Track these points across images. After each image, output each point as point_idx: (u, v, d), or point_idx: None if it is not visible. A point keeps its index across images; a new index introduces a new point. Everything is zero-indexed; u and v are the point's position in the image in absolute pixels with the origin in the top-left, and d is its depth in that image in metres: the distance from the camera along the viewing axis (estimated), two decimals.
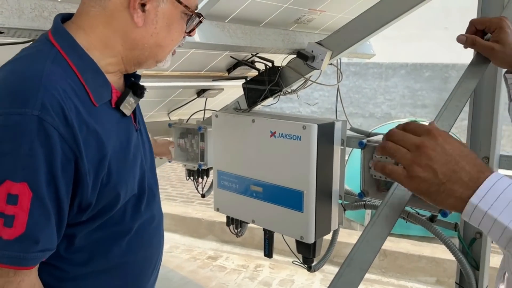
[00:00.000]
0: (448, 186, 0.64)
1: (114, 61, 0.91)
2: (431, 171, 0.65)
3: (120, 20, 0.86)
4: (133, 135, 0.96)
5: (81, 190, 0.83)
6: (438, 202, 0.66)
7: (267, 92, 1.78)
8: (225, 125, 1.76)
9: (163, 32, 0.90)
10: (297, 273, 3.49)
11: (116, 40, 0.88)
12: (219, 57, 1.83)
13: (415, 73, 10.69)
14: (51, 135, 0.76)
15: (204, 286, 3.39)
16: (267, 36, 1.59)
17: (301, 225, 1.53)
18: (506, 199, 0.61)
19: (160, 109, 2.19)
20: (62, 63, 0.83)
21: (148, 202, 1.01)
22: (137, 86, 0.97)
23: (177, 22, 0.92)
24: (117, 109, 0.91)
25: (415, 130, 0.69)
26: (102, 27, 0.87)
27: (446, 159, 0.65)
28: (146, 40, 0.89)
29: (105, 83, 0.89)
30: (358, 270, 0.68)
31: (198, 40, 1.35)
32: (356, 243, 0.71)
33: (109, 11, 0.86)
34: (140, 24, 0.87)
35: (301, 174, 1.50)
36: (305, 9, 1.64)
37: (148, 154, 1.04)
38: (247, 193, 1.70)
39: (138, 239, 0.98)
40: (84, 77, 0.84)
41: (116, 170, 0.88)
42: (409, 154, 0.67)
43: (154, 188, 1.05)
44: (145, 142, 1.03)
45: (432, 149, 0.66)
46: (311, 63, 1.64)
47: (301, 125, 1.48)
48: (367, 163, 1.51)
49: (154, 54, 0.93)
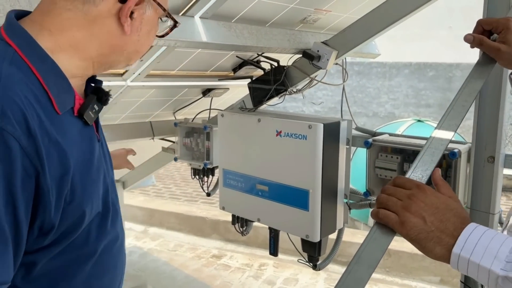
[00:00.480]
0: (436, 234, 0.70)
1: (83, 65, 0.83)
2: (421, 218, 0.72)
3: (104, 27, 0.81)
4: (96, 146, 0.87)
5: (42, 210, 0.72)
6: (427, 250, 0.71)
7: (273, 92, 1.79)
8: (231, 125, 1.77)
9: (144, 39, 0.87)
10: (302, 272, 3.50)
11: (91, 45, 0.81)
12: (225, 56, 1.84)
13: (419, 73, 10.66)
14: (11, 147, 0.65)
15: (209, 284, 3.40)
16: (273, 36, 1.60)
17: (307, 224, 1.54)
18: (483, 245, 0.67)
19: (166, 109, 2.21)
20: (21, 65, 0.74)
21: (113, 220, 0.92)
22: (102, 91, 0.89)
23: (155, 28, 0.89)
24: (79, 118, 0.83)
25: (404, 184, 0.77)
26: (75, 31, 0.79)
27: (434, 210, 0.72)
28: (127, 47, 0.85)
29: (69, 89, 0.80)
30: (366, 267, 0.69)
31: (205, 40, 1.36)
32: (365, 241, 0.73)
33: (91, 17, 0.79)
34: (129, 33, 0.82)
35: (307, 173, 1.51)
36: (311, 9, 1.65)
37: (110, 167, 0.96)
38: (253, 192, 1.71)
39: (103, 262, 0.90)
40: (46, 82, 0.75)
41: (80, 185, 0.78)
42: (400, 202, 0.75)
43: (116, 204, 0.96)
44: (106, 154, 0.95)
45: (422, 200, 0.73)
46: (316, 62, 1.64)
47: (307, 124, 1.49)
48: (372, 162, 1.52)
49: (129, 59, 0.89)
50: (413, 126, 4.69)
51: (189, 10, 1.33)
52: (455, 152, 1.27)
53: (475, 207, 1.34)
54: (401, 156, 1.46)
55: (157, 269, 3.65)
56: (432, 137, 0.87)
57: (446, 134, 0.86)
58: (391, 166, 1.46)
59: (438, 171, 0.81)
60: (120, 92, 1.71)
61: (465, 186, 1.36)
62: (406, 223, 0.72)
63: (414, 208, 0.72)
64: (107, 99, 0.89)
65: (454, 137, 0.94)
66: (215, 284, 3.40)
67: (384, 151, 1.50)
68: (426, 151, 0.84)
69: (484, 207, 1.32)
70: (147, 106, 2.05)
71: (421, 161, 0.82)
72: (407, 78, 10.80)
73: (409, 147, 1.43)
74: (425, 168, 0.80)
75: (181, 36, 1.28)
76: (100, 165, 0.87)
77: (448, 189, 0.79)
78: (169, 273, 3.58)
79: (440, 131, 0.87)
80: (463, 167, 1.33)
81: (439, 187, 0.79)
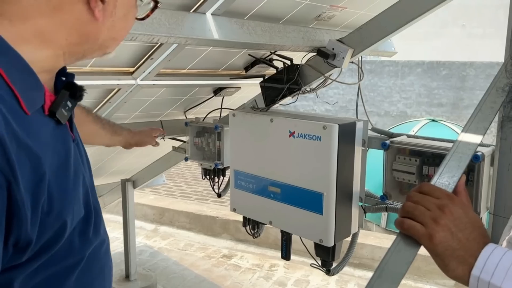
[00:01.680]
0: (461, 253, 0.66)
1: (52, 57, 0.74)
2: (449, 232, 0.67)
3: (71, 14, 0.71)
4: (71, 146, 0.78)
5: (17, 224, 0.63)
6: (450, 269, 0.67)
7: (286, 91, 1.74)
8: (243, 124, 1.72)
9: (119, 24, 0.78)
10: (312, 273, 3.45)
11: (59, 34, 0.72)
12: (237, 55, 1.80)
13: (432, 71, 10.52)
14: None
15: (219, 285, 3.37)
16: (287, 34, 1.55)
17: (321, 228, 1.49)
18: (504, 267, 0.63)
19: (176, 108, 2.17)
20: None
21: (96, 225, 0.84)
22: (75, 87, 0.80)
23: (132, 11, 0.80)
24: (51, 116, 0.73)
25: (433, 192, 0.72)
26: (39, 18, 0.70)
27: (463, 226, 0.67)
28: (100, 34, 0.76)
29: (37, 85, 0.71)
30: (389, 283, 0.64)
31: (216, 37, 1.31)
32: (387, 253, 0.68)
33: (55, 3, 0.70)
34: (101, 19, 0.73)
35: (321, 176, 1.46)
36: (326, 6, 1.60)
37: (87, 168, 0.88)
38: (265, 194, 1.66)
39: (90, 270, 0.82)
40: (11, 78, 0.66)
41: (58, 192, 0.69)
42: (429, 212, 0.69)
43: (98, 207, 0.87)
44: (82, 154, 0.86)
45: (452, 212, 0.68)
46: (331, 61, 1.59)
47: (322, 125, 1.44)
48: (389, 164, 1.46)
49: (105, 47, 0.80)
50: (427, 126, 4.60)
51: (201, 7, 1.29)
52: (478, 155, 1.21)
53: (498, 213, 1.27)
54: (420, 159, 1.40)
55: (167, 268, 3.63)
56: (459, 141, 0.81)
57: (474, 137, 0.80)
58: (410, 169, 1.40)
59: (464, 178, 0.76)
60: (130, 91, 1.68)
61: (488, 191, 1.30)
62: (435, 237, 0.66)
63: (444, 221, 0.67)
64: (81, 95, 0.80)
65: None
66: (226, 285, 3.37)
67: (402, 153, 1.44)
68: (452, 156, 0.78)
69: (508, 213, 1.26)
70: (157, 105, 2.02)
71: (447, 166, 0.77)
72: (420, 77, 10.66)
73: (429, 149, 1.38)
74: (452, 175, 0.75)
75: (192, 33, 1.24)
76: (77, 167, 0.78)
77: (468, 200, 0.75)
78: (179, 273, 3.56)
79: (467, 134, 0.82)
80: (486, 171, 1.27)
81: (460, 195, 0.74)
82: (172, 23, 1.17)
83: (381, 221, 4.22)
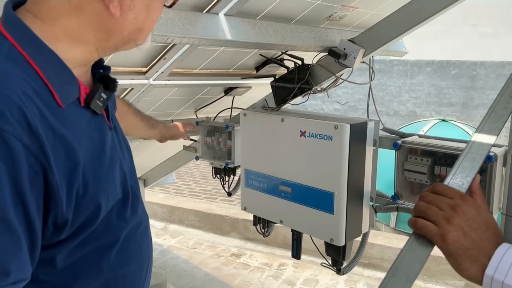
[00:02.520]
0: (474, 253, 0.66)
1: (85, 52, 0.79)
2: (462, 232, 0.67)
3: (91, 12, 0.74)
4: (107, 134, 0.84)
5: (54, 206, 0.70)
6: (463, 269, 0.68)
7: (297, 91, 1.75)
8: (254, 124, 1.73)
9: (142, 15, 0.79)
10: (322, 272, 3.46)
11: (86, 32, 0.76)
12: (248, 55, 1.81)
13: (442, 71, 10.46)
14: (13, 146, 0.63)
15: (228, 283, 3.38)
16: (299, 34, 1.56)
17: (331, 227, 1.49)
18: None
19: (188, 107, 2.19)
20: (18, 59, 0.70)
21: (133, 207, 0.90)
22: (108, 79, 0.85)
23: (156, 0, 0.81)
24: (87, 107, 0.80)
25: (446, 192, 0.72)
26: (66, 18, 0.74)
27: (476, 226, 0.68)
28: (124, 28, 0.78)
29: (72, 80, 0.76)
30: (403, 281, 0.65)
31: (229, 37, 1.33)
32: (401, 252, 0.68)
33: (75, 3, 0.73)
34: (118, 15, 0.75)
35: (332, 175, 1.47)
36: (337, 6, 1.60)
37: (127, 154, 0.94)
38: (275, 193, 1.67)
39: (127, 249, 0.88)
40: (46, 74, 0.71)
41: (93, 178, 0.76)
42: (441, 212, 0.69)
43: (137, 190, 0.94)
44: (121, 141, 0.92)
45: (465, 212, 0.68)
46: (343, 61, 1.60)
47: (333, 125, 1.44)
48: (401, 165, 1.46)
49: (134, 39, 0.82)
50: (437, 125, 4.58)
51: (214, 7, 1.30)
52: (490, 156, 1.21)
53: (510, 214, 1.27)
54: (432, 159, 1.40)
55: (177, 266, 3.66)
56: (472, 141, 0.81)
57: (487, 138, 0.81)
58: (421, 169, 1.40)
59: (479, 178, 0.77)
60: (143, 90, 1.70)
61: (500, 192, 1.29)
62: (447, 237, 0.67)
63: (456, 221, 0.67)
64: (114, 86, 0.85)
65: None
66: (235, 283, 3.38)
67: (414, 153, 1.44)
68: (466, 157, 0.79)
69: None
70: (169, 104, 2.04)
71: (460, 166, 0.77)
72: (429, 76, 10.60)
73: (441, 149, 1.38)
74: (466, 175, 0.76)
75: (205, 34, 1.25)
76: (114, 154, 0.84)
77: (483, 200, 0.75)
78: (189, 271, 3.58)
79: (480, 135, 0.82)
80: (499, 172, 1.27)
81: (475, 195, 0.74)
82: (186, 23, 1.19)
83: (390, 221, 4.21)
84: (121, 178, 0.86)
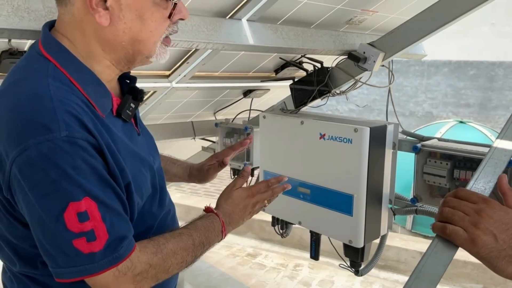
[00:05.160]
0: (509, 253, 0.67)
1: (105, 68, 0.88)
2: (492, 235, 0.68)
3: (89, 24, 0.82)
4: (137, 139, 0.96)
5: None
6: (499, 270, 0.68)
7: (316, 93, 1.77)
8: (273, 126, 1.76)
9: (136, 25, 0.83)
10: (337, 273, 3.46)
11: (95, 47, 0.85)
12: (267, 58, 1.84)
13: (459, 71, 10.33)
14: (85, 147, 0.77)
15: (244, 283, 3.42)
16: (319, 38, 1.58)
17: (350, 229, 1.51)
18: None
19: (207, 109, 2.23)
20: (62, 79, 0.81)
21: (161, 199, 1.03)
22: (136, 90, 0.95)
23: (149, 11, 0.84)
24: (117, 116, 0.91)
25: (469, 197, 0.73)
26: (79, 34, 0.83)
27: (504, 226, 0.69)
28: (120, 38, 0.84)
29: (105, 93, 0.87)
30: (427, 283, 0.67)
31: (252, 42, 1.35)
32: (425, 255, 0.70)
33: (78, 17, 0.82)
34: (105, 24, 0.81)
35: (352, 178, 1.48)
36: (357, 10, 1.62)
37: (155, 155, 1.06)
38: (294, 195, 1.69)
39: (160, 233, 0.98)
40: (86, 90, 0.83)
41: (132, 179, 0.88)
42: (468, 217, 0.71)
43: (163, 185, 1.06)
44: (149, 144, 1.04)
45: (490, 215, 0.70)
46: (362, 64, 1.61)
47: (353, 128, 1.46)
48: (420, 168, 1.47)
49: (137, 51, 0.87)
50: (455, 127, 4.54)
51: (237, 13, 1.33)
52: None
53: None
54: (451, 162, 1.41)
55: (193, 265, 3.68)
56: (494, 147, 0.83)
57: (510, 144, 0.82)
58: (441, 172, 1.41)
59: (505, 178, 0.77)
60: (165, 93, 1.73)
61: None
62: (477, 241, 0.69)
63: (483, 225, 0.69)
64: (142, 97, 0.95)
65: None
66: (251, 283, 3.41)
67: (433, 156, 1.45)
68: (488, 162, 0.80)
69: None
70: (189, 106, 2.07)
71: (483, 172, 0.79)
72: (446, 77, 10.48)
73: (460, 153, 1.38)
74: (488, 180, 0.77)
75: (228, 39, 1.28)
76: (144, 156, 0.95)
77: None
78: (205, 270, 3.62)
79: (502, 141, 0.83)
80: None
81: (507, 196, 0.75)
82: (210, 29, 1.22)
83: (406, 223, 4.19)
84: (151, 176, 0.97)
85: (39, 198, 0.75)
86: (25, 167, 0.74)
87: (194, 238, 0.94)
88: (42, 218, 0.76)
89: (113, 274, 0.80)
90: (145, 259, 0.84)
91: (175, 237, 0.92)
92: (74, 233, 0.76)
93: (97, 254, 0.77)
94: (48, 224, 0.76)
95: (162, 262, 0.87)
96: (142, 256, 0.84)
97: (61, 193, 0.75)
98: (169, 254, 0.88)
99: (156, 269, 0.86)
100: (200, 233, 0.96)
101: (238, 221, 1.08)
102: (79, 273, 0.78)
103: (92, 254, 0.77)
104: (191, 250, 0.93)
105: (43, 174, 0.74)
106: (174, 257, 0.89)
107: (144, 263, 0.84)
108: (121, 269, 0.81)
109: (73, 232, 0.75)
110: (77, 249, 0.76)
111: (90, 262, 0.77)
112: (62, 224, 0.75)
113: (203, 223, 0.99)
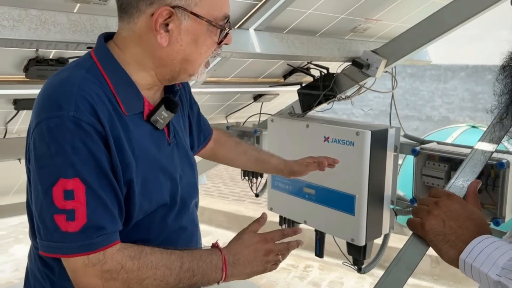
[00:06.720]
0: (452, 238, 0.75)
1: (148, 77, 0.96)
2: (441, 221, 0.77)
3: (147, 41, 0.91)
4: (165, 148, 1.00)
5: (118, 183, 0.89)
6: (442, 252, 0.76)
7: (322, 98, 1.85)
8: (281, 129, 1.84)
9: (190, 48, 0.92)
10: (347, 275, 3.52)
11: (146, 59, 0.93)
12: (276, 64, 1.92)
13: (476, 76, 10.24)
14: (88, 131, 0.82)
15: (255, 282, 3.49)
16: (323, 45, 1.66)
17: (352, 228, 1.58)
18: (486, 253, 0.71)
19: (219, 113, 2.32)
20: (96, 73, 0.89)
21: (179, 214, 1.03)
22: (172, 101, 1.00)
23: (203, 36, 0.92)
24: (148, 121, 0.96)
25: (437, 194, 0.82)
26: (132, 47, 0.92)
27: (456, 216, 0.77)
28: (173, 57, 0.92)
29: (137, 96, 0.94)
30: (405, 269, 0.75)
31: (258, 51, 1.44)
32: (405, 245, 0.78)
33: (137, 34, 0.91)
34: (165, 45, 0.90)
35: (354, 179, 1.56)
36: (361, 19, 1.69)
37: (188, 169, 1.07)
38: (300, 195, 1.77)
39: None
40: (116, 89, 0.90)
41: (141, 179, 0.92)
42: (426, 208, 0.80)
43: (188, 200, 1.06)
44: (182, 157, 1.06)
45: (446, 205, 0.78)
46: (366, 70, 1.69)
47: (355, 131, 1.53)
48: (419, 170, 1.54)
49: (184, 69, 0.95)
50: (466, 132, 4.54)
51: (245, 23, 1.42)
52: (503, 162, 1.28)
53: None
54: (449, 165, 1.47)
55: None
56: (475, 149, 0.90)
57: (489, 146, 0.89)
58: (438, 174, 1.48)
59: (475, 183, 0.85)
60: None
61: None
62: (425, 225, 0.77)
63: (437, 212, 0.77)
64: (175, 108, 1.00)
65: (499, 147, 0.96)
66: (261, 283, 3.49)
67: (432, 159, 1.52)
68: (468, 162, 0.87)
69: None
70: (202, 110, 2.16)
71: (463, 171, 0.86)
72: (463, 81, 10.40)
73: (456, 156, 1.45)
74: (467, 179, 0.84)
75: (236, 47, 1.37)
76: (168, 165, 1.00)
77: (476, 203, 0.83)
78: None
79: (483, 143, 0.90)
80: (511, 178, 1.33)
81: (468, 198, 0.83)
82: None
83: None
84: (171, 186, 1.00)
85: (38, 168, 0.83)
86: (37, 138, 0.83)
87: (183, 262, 0.91)
88: (38, 188, 0.83)
89: (83, 262, 0.83)
90: (119, 258, 0.85)
91: (164, 253, 0.90)
92: (57, 208, 0.81)
93: (72, 234, 0.81)
94: (40, 194, 0.82)
95: (137, 269, 0.86)
96: (117, 254, 0.85)
97: (55, 168, 0.81)
98: (147, 265, 0.87)
99: (128, 274, 0.85)
100: (193, 260, 0.92)
101: (245, 265, 1.00)
102: (53, 250, 0.83)
103: (68, 234, 0.81)
104: (175, 272, 0.89)
105: (46, 147, 0.81)
106: (152, 271, 0.87)
107: (117, 262, 0.84)
108: (92, 259, 0.83)
109: (57, 207, 0.81)
110: (56, 225, 0.81)
111: (64, 241, 0.81)
112: (50, 196, 0.81)
113: (200, 252, 0.96)
